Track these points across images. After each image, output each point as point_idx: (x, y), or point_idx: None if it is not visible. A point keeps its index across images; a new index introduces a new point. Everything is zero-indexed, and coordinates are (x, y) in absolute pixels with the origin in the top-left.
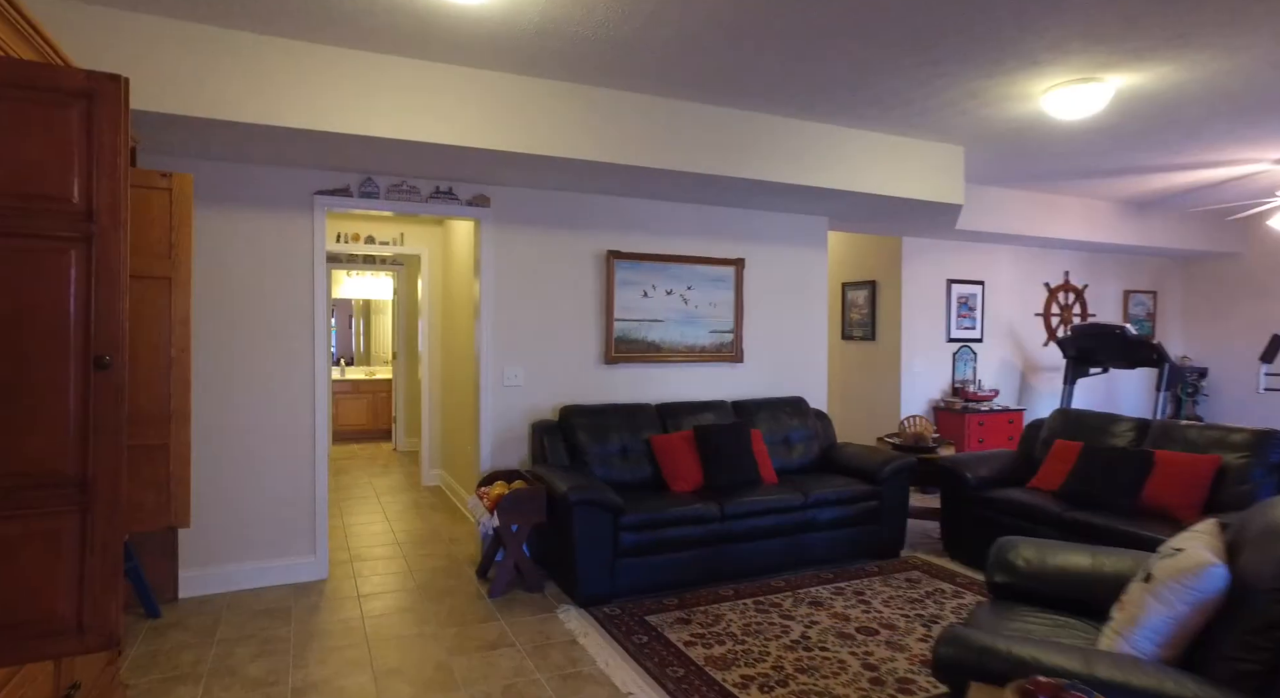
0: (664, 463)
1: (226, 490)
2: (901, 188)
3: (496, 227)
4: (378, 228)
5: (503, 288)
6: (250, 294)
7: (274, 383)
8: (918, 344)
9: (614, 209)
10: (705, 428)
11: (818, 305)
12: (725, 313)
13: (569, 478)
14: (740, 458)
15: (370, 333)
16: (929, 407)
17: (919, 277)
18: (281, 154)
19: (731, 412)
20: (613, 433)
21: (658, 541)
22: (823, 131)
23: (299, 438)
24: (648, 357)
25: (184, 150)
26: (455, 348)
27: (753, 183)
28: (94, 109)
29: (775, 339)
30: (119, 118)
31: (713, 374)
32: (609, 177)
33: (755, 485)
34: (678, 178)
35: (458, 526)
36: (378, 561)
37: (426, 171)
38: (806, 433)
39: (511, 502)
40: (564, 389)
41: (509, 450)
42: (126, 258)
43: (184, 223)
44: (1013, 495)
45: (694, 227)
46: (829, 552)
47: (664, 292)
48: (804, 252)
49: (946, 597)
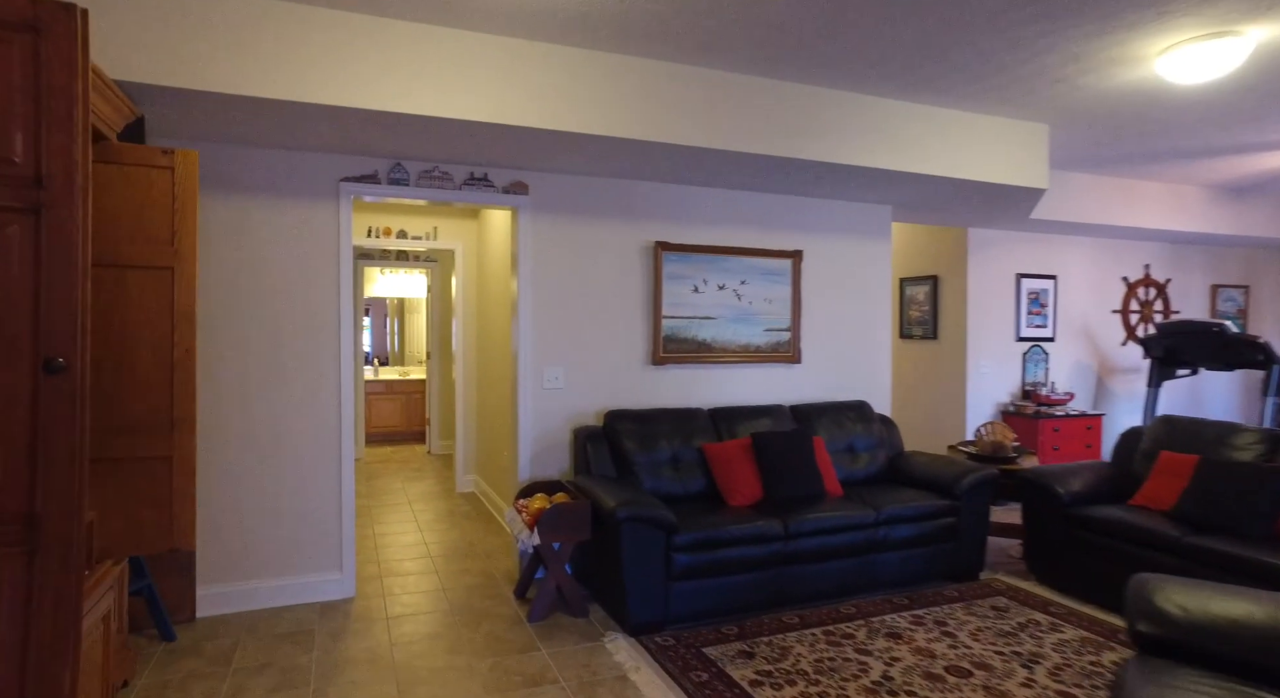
0: (719, 474)
1: (246, 503)
2: (979, 171)
3: (535, 216)
4: (410, 222)
5: (542, 283)
6: (272, 290)
7: (297, 386)
8: (984, 343)
9: (662, 197)
10: (764, 436)
11: (880, 302)
12: (781, 309)
13: (616, 491)
14: (802, 469)
15: (405, 332)
16: (997, 411)
17: (986, 271)
18: (304, 137)
19: (790, 417)
20: (662, 441)
21: (715, 562)
22: (894, 109)
23: (325, 446)
24: (698, 357)
25: (197, 133)
26: (491, 348)
27: (817, 166)
28: (42, 46)
29: (835, 338)
30: (74, 57)
31: (768, 376)
32: (658, 159)
33: (819, 500)
34: (735, 161)
35: (494, 537)
36: (409, 576)
37: (460, 155)
38: (872, 441)
39: (553, 518)
40: (608, 392)
41: (549, 458)
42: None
43: (188, 206)
44: (1114, 515)
45: (748, 216)
46: (902, 573)
47: (716, 286)
48: (866, 243)
49: (1043, 630)
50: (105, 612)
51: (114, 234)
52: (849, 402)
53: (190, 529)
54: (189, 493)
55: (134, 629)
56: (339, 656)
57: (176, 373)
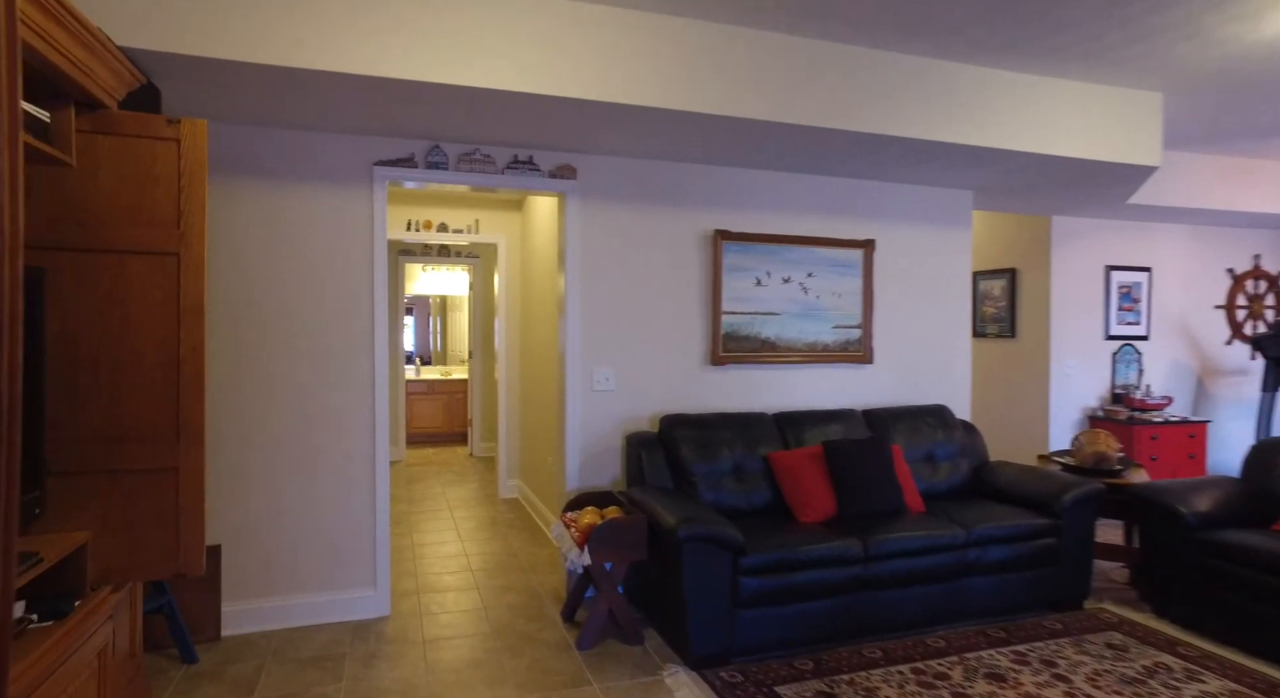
0: (787, 486)
1: (274, 514)
2: (1082, 147)
3: (584, 203)
4: (451, 214)
5: (591, 276)
6: (301, 283)
7: (329, 388)
8: (1069, 342)
9: (722, 182)
10: (836, 444)
11: (959, 296)
12: (851, 304)
13: (675, 506)
14: (880, 481)
15: (447, 331)
16: (1083, 416)
17: (1071, 263)
18: (334, 116)
19: (863, 423)
20: (723, 448)
21: (787, 587)
22: (986, 79)
23: (358, 453)
24: (761, 357)
25: (218, 114)
26: (535, 346)
27: (899, 143)
28: None
29: (910, 336)
30: None
31: (837, 377)
32: (719, 138)
33: (899, 516)
34: (806, 139)
35: (538, 548)
36: (448, 593)
37: (503, 136)
38: (953, 449)
39: (606, 536)
40: (663, 395)
41: (599, 466)
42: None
43: (196, 183)
44: (1260, 544)
45: (816, 202)
46: (995, 601)
47: (780, 279)
48: (944, 232)
49: (1178, 679)
50: (101, 645)
51: (112, 215)
52: (927, 406)
53: (198, 552)
54: (197, 510)
55: (154, 649)
56: (370, 685)
57: (183, 373)
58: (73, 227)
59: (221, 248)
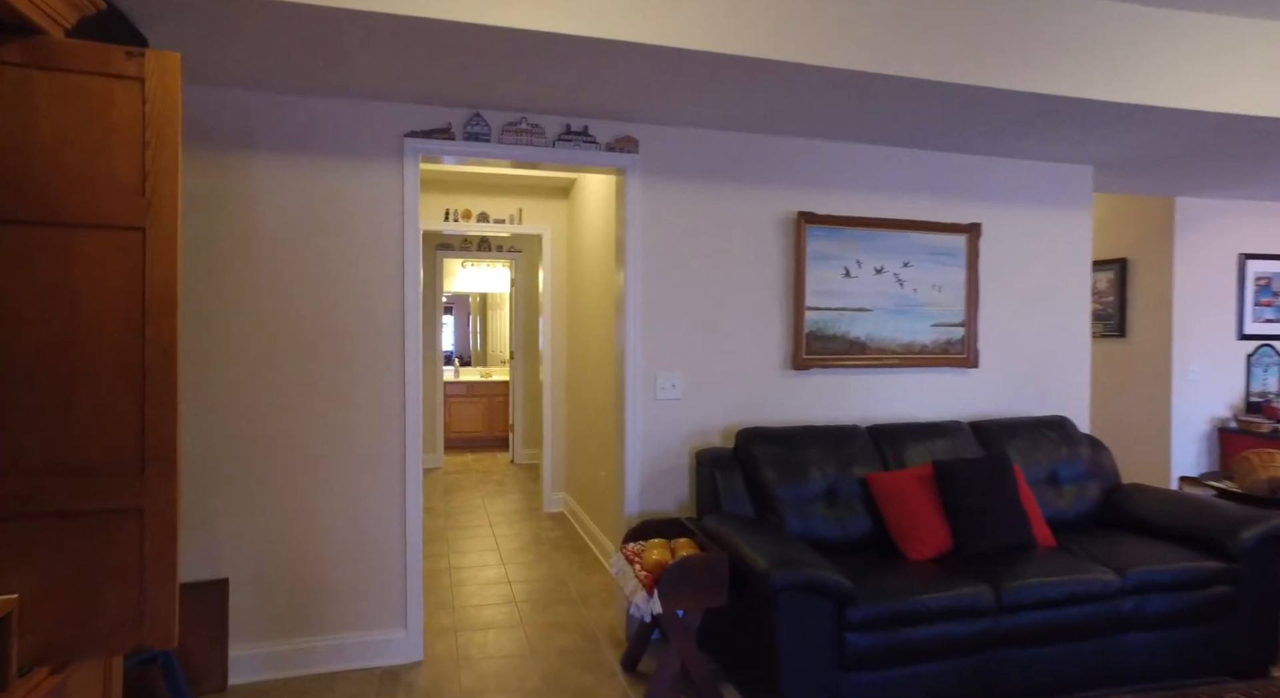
0: (890, 514)
1: (288, 544)
2: (1255, 102)
3: (646, 181)
4: (491, 203)
5: (654, 266)
6: (318, 274)
7: (349, 399)
8: (1194, 342)
9: (805, 156)
10: (949, 465)
11: (1077, 289)
12: (954, 299)
13: (764, 543)
14: (1004, 510)
15: (487, 330)
16: (1212, 428)
17: (1197, 251)
18: (356, 76)
19: (972, 437)
20: (812, 468)
21: (902, 644)
22: (1141, 19)
23: (385, 473)
24: (849, 359)
25: (215, 74)
26: (584, 347)
27: (1028, 100)
28: None
29: (1019, 335)
30: None
31: (937, 384)
32: (809, 97)
33: (1030, 553)
34: (913, 97)
35: (589, 574)
36: (489, 631)
37: (553, 102)
38: (1079, 470)
39: (679, 579)
40: (737, 404)
41: (663, 487)
42: None
43: (166, 136)
44: None
45: (913, 180)
46: (1158, 662)
47: (871, 270)
48: (1059, 214)
49: None
50: None
51: (55, 177)
52: (1045, 417)
53: (168, 617)
54: (166, 562)
55: None
56: None
57: (149, 385)
58: (2, 192)
59: (229, 235)
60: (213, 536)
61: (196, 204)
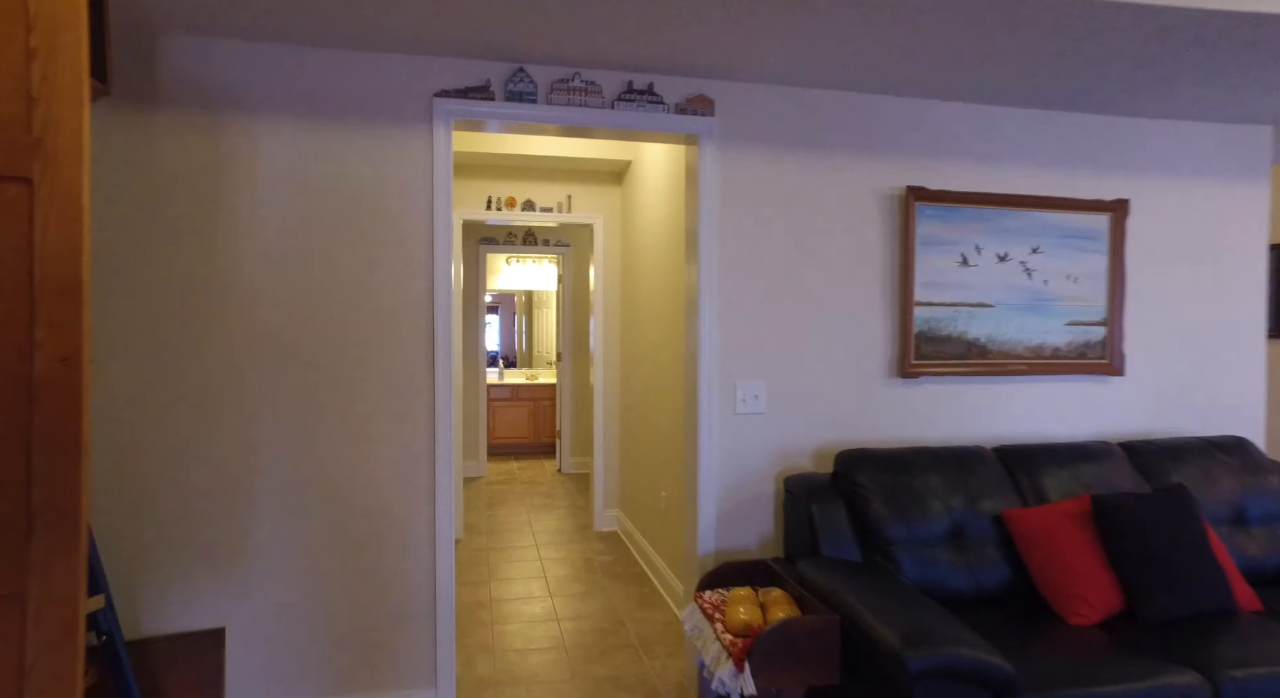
0: (1037, 563)
1: (292, 588)
2: None
3: (724, 149)
4: (537, 189)
5: (731, 254)
6: (330, 262)
7: (367, 413)
8: None
9: (914, 120)
10: (1114, 500)
11: (1250, 281)
12: (1093, 291)
13: (885, 603)
14: (1193, 562)
15: (532, 330)
16: None
17: None
18: (378, 21)
19: (1126, 462)
20: (933, 501)
21: None
22: None
23: (410, 503)
24: (966, 366)
25: (221, 26)
26: (640, 347)
27: (1249, 21)
28: None
29: (1175, 336)
30: None
31: (1073, 394)
32: (925, 33)
33: (1234, 622)
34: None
35: (650, 611)
36: (534, 687)
37: (611, 54)
38: (1272, 505)
39: (778, 650)
40: (832, 419)
41: (742, 519)
42: None
43: (63, 43)
44: None
45: (1042, 148)
46: None
47: (993, 257)
48: (1227, 188)
49: None
50: None
51: None
52: (1217, 438)
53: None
54: (67, 675)
55: None
56: None
57: (38, 411)
58: None
59: (231, 215)
60: (206, 577)
61: (185, 179)
